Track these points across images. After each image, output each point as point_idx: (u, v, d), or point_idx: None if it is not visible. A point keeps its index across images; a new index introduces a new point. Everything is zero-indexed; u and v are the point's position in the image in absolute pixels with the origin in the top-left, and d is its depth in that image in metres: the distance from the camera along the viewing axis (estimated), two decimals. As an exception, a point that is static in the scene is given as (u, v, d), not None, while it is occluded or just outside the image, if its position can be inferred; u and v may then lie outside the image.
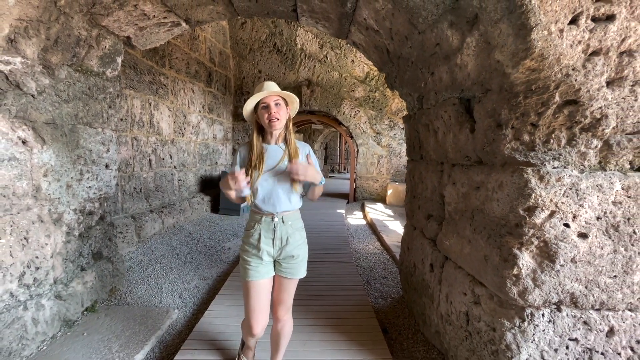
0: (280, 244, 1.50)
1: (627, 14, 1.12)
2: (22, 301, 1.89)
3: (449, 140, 1.89)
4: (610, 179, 1.26)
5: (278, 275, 1.56)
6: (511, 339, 1.35)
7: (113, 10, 2.07)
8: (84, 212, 2.38)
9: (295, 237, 1.53)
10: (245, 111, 1.52)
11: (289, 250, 1.51)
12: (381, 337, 2.12)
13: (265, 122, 1.46)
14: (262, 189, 1.48)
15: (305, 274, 1.58)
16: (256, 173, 1.47)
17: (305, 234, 1.62)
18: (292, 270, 1.54)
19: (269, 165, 1.49)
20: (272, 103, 1.45)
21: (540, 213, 1.28)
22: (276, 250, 1.51)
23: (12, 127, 1.80)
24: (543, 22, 1.12)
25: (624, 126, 1.23)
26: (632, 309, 1.33)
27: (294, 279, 1.56)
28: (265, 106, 1.46)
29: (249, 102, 1.47)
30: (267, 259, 1.51)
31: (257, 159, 1.47)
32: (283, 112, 1.48)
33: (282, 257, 1.52)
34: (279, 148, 1.52)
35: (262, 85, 1.49)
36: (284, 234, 1.50)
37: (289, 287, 1.56)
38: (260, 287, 1.50)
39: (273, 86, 1.48)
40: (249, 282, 1.49)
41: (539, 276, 1.31)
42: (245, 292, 1.52)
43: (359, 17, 2.21)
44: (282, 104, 1.49)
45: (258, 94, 1.45)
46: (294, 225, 1.54)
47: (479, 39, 1.38)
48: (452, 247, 1.83)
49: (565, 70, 1.19)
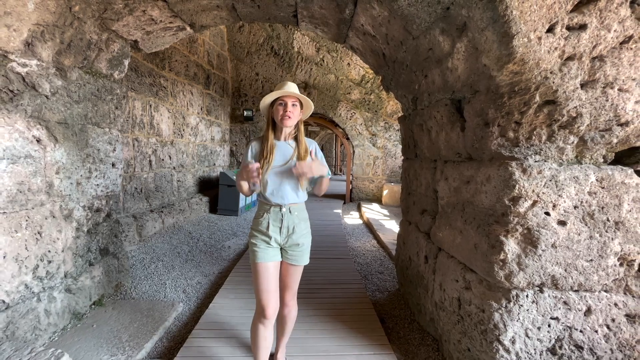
0: (287, 232, 1.61)
1: (597, 23, 1.26)
2: (36, 293, 1.97)
3: (441, 138, 2.01)
4: (585, 172, 1.40)
5: (285, 262, 1.66)
6: (498, 318, 1.47)
7: (123, 15, 2.17)
8: (92, 209, 2.46)
9: (301, 226, 1.64)
10: (262, 103, 1.61)
11: (295, 239, 1.62)
12: (379, 326, 2.23)
13: (279, 118, 1.56)
14: (272, 182, 1.58)
15: (308, 262, 1.70)
16: (267, 166, 1.57)
17: (309, 224, 1.72)
18: (297, 257, 1.65)
19: (279, 160, 1.59)
20: (289, 102, 1.56)
21: (524, 203, 1.40)
22: (283, 237, 1.61)
23: (28, 126, 1.89)
24: (523, 30, 1.25)
25: (597, 124, 1.37)
26: (607, 290, 1.47)
27: (299, 266, 1.67)
28: (283, 104, 1.56)
29: (269, 96, 1.57)
30: (274, 244, 1.61)
31: (269, 152, 1.57)
32: (297, 113, 1.59)
33: (289, 245, 1.63)
34: (289, 145, 1.63)
35: (283, 84, 1.59)
36: (291, 224, 1.61)
37: (295, 274, 1.68)
38: (269, 268, 1.58)
39: (294, 87, 1.59)
40: (258, 264, 1.57)
41: (523, 260, 1.43)
42: (254, 274, 1.60)
43: (357, 23, 2.34)
44: (297, 106, 1.59)
45: (279, 91, 1.55)
46: (299, 216, 1.65)
47: (468, 44, 1.51)
48: (444, 239, 1.95)
49: (544, 73, 1.32)
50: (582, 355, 1.47)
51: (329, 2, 2.24)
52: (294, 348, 1.95)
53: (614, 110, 1.35)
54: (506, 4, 1.23)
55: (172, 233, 4.78)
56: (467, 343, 1.66)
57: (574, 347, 1.47)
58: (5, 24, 1.64)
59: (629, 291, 1.47)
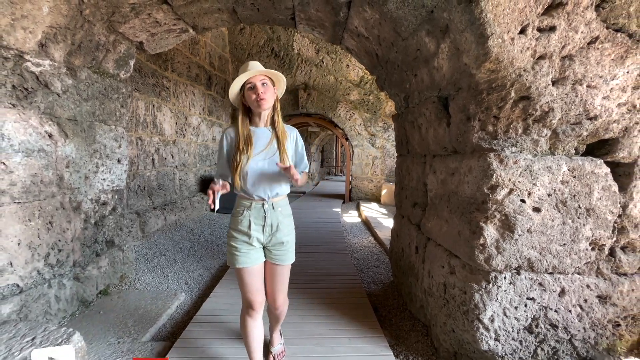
0: (271, 231, 1.48)
1: (565, 25, 1.38)
2: (47, 279, 2.08)
3: (430, 134, 2.13)
4: (558, 162, 1.51)
5: (270, 262, 1.53)
6: (479, 299, 1.58)
7: (130, 18, 2.30)
8: (99, 202, 2.58)
9: (285, 223, 1.52)
10: (231, 93, 1.46)
11: (279, 237, 1.49)
12: (372, 313, 2.34)
13: (253, 104, 1.42)
14: (252, 172, 1.43)
15: (294, 259, 1.59)
16: (245, 157, 1.42)
17: (292, 220, 1.61)
18: (282, 256, 1.53)
19: (259, 148, 1.45)
20: (258, 83, 1.40)
21: (501, 191, 1.52)
22: (266, 236, 1.48)
23: (41, 122, 2.02)
24: (497, 32, 1.37)
25: (568, 118, 1.48)
26: (579, 272, 1.57)
27: (285, 265, 1.55)
28: (252, 87, 1.40)
29: (235, 83, 1.42)
30: (257, 244, 1.48)
31: (245, 142, 1.43)
32: (270, 92, 1.44)
33: (272, 244, 1.50)
34: (267, 131, 1.49)
35: (246, 65, 1.44)
36: (275, 221, 1.48)
37: (282, 274, 1.56)
38: (253, 271, 1.48)
39: (258, 65, 1.43)
40: (241, 269, 1.47)
41: (501, 245, 1.55)
42: (239, 278, 1.50)
43: (351, 25, 2.46)
44: (269, 84, 1.44)
45: (243, 74, 1.40)
46: (283, 212, 1.52)
47: (450, 45, 1.63)
48: (433, 228, 2.07)
49: (518, 71, 1.44)
50: (557, 334, 1.58)
51: (324, 5, 2.37)
52: (290, 332, 2.06)
53: (583, 105, 1.46)
54: (481, 8, 1.34)
55: (174, 230, 4.90)
56: (451, 324, 1.77)
57: (549, 325, 1.58)
58: (22, 26, 1.77)
59: (600, 274, 1.58)
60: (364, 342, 1.97)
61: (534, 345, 1.59)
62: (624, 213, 1.55)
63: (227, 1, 2.49)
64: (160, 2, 2.28)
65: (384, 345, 1.94)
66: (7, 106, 1.81)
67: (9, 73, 1.80)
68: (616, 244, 1.57)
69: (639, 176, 1.53)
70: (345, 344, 1.95)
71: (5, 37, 1.71)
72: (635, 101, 1.47)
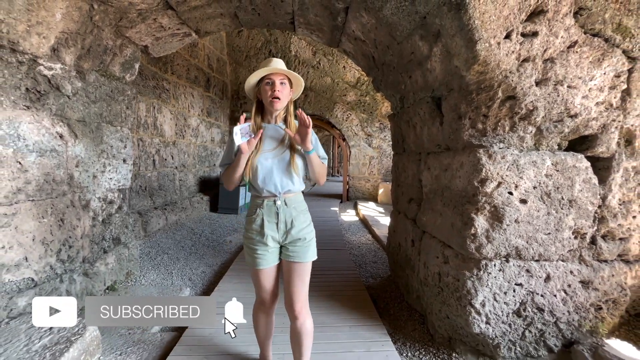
0: (285, 228, 1.43)
1: (547, 31, 1.50)
2: (59, 274, 2.17)
3: (424, 132, 2.25)
4: (542, 157, 1.63)
5: (286, 261, 1.46)
6: (470, 285, 1.69)
7: (136, 23, 2.40)
8: (106, 201, 2.67)
9: (300, 219, 1.46)
10: (247, 84, 1.44)
11: (295, 234, 1.44)
12: (370, 304, 2.45)
13: (267, 100, 1.40)
14: (262, 167, 1.41)
15: (316, 257, 1.51)
16: (254, 151, 1.40)
17: (310, 217, 1.54)
18: (301, 253, 1.45)
19: (269, 145, 1.44)
20: (277, 81, 1.38)
21: (490, 184, 1.63)
22: (281, 234, 1.44)
23: (53, 123, 2.10)
24: (484, 37, 1.49)
25: (551, 116, 1.60)
26: (563, 259, 1.69)
27: (304, 263, 1.46)
28: (270, 83, 1.38)
29: (253, 75, 1.39)
30: (272, 244, 1.44)
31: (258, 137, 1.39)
32: (286, 92, 1.42)
33: (289, 242, 1.44)
34: (279, 128, 1.47)
35: (269, 61, 1.41)
36: (288, 217, 1.43)
37: (301, 272, 1.46)
38: (270, 272, 1.48)
39: (281, 63, 1.42)
40: (258, 270, 1.45)
41: (491, 234, 1.66)
42: (255, 278, 1.49)
43: (348, 29, 2.58)
44: (287, 84, 1.42)
45: (264, 68, 1.37)
46: (297, 208, 1.47)
47: (442, 48, 1.74)
48: (428, 222, 2.18)
49: (504, 73, 1.56)
50: (543, 317, 1.69)
51: (323, 10, 2.48)
52: (293, 322, 2.16)
53: (564, 104, 1.58)
54: (469, 15, 1.46)
55: (175, 229, 4.98)
56: (446, 311, 1.88)
57: (536, 309, 1.69)
58: (37, 32, 1.86)
59: (583, 260, 1.70)
60: (363, 330, 2.07)
61: (522, 327, 1.70)
62: (604, 204, 1.67)
63: (229, 6, 2.59)
64: (165, 7, 2.37)
65: (382, 332, 2.05)
66: (22, 108, 1.90)
67: (23, 76, 1.88)
68: (597, 233, 1.69)
69: (616, 169, 1.65)
70: (346, 331, 2.05)
71: (21, 42, 1.80)
72: (612, 100, 1.60)
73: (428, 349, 1.98)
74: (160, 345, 1.96)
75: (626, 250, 1.72)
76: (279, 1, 2.50)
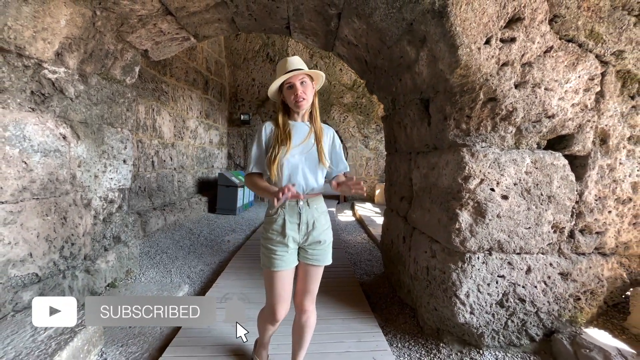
0: (307, 229, 1.41)
1: (524, 37, 1.60)
2: (62, 270, 2.24)
3: (414, 133, 2.34)
4: (522, 155, 1.73)
5: (304, 263, 1.45)
6: (455, 277, 1.78)
7: (137, 28, 2.49)
8: (106, 200, 2.75)
9: (321, 221, 1.45)
10: (270, 91, 1.45)
11: (316, 235, 1.42)
12: (363, 298, 2.54)
13: (292, 103, 1.40)
14: (288, 164, 1.39)
15: (331, 261, 1.50)
16: (283, 149, 1.39)
17: (329, 219, 1.53)
18: (320, 256, 1.45)
19: (296, 141, 1.42)
20: (297, 83, 1.38)
21: (473, 181, 1.73)
22: (302, 235, 1.41)
23: (56, 125, 2.19)
24: (466, 42, 1.58)
25: (530, 116, 1.70)
26: (543, 252, 1.79)
27: (320, 267, 1.46)
28: (291, 86, 1.39)
29: (274, 84, 1.41)
30: (292, 245, 1.41)
31: (285, 135, 1.41)
32: (309, 90, 1.41)
33: (309, 243, 1.43)
34: (306, 125, 1.47)
35: (285, 63, 1.41)
36: (310, 218, 1.41)
37: (316, 276, 1.46)
38: (287, 275, 1.43)
39: (298, 63, 1.41)
40: (275, 272, 1.40)
41: (474, 228, 1.75)
42: (269, 280, 1.44)
43: (342, 34, 2.67)
44: (307, 82, 1.41)
45: (283, 75, 1.38)
46: (319, 209, 1.45)
47: (428, 53, 1.84)
48: (417, 219, 2.27)
49: (485, 76, 1.66)
50: (524, 307, 1.78)
51: (316, 16, 2.58)
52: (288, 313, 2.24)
53: (542, 105, 1.68)
54: (451, 22, 1.56)
55: (173, 230, 5.05)
56: (433, 303, 1.97)
57: (518, 300, 1.78)
58: (42, 37, 1.94)
59: (562, 253, 1.79)
60: (356, 323, 2.15)
61: (505, 317, 1.79)
62: (581, 199, 1.77)
63: (226, 12, 2.69)
64: (165, 13, 2.47)
65: (374, 324, 2.14)
66: (27, 110, 1.98)
67: (29, 80, 1.97)
68: (575, 227, 1.79)
69: (592, 167, 1.75)
70: (339, 323, 2.14)
71: (27, 47, 1.88)
72: (586, 102, 1.70)
73: (417, 340, 2.06)
74: (159, 337, 2.04)
75: (602, 244, 1.81)
76: (275, 7, 2.60)
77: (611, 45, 1.63)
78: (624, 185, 1.77)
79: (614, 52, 1.65)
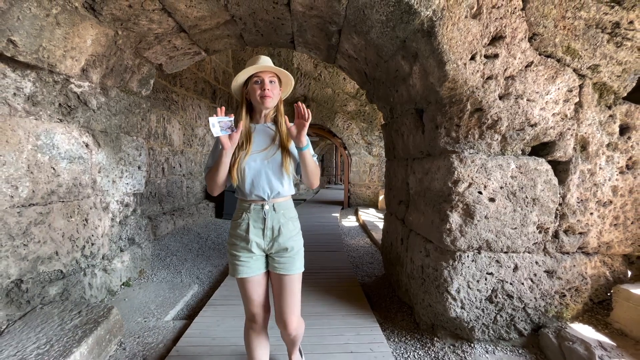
0: (272, 235, 1.34)
1: (506, 53, 1.76)
2: (83, 268, 2.42)
3: (410, 140, 2.50)
4: (507, 161, 1.87)
5: (273, 273, 1.38)
6: (447, 274, 1.91)
7: (153, 45, 2.70)
8: (123, 204, 2.94)
9: (289, 226, 1.38)
10: (234, 84, 1.38)
11: (282, 242, 1.35)
12: (363, 297, 2.67)
13: (257, 99, 1.33)
14: (250, 169, 1.33)
15: (302, 269, 1.41)
16: (243, 153, 1.33)
17: (299, 225, 1.47)
18: (287, 265, 1.36)
19: (258, 145, 1.36)
20: (266, 79, 1.32)
21: (462, 184, 1.87)
22: (267, 242, 1.35)
23: (80, 134, 2.39)
24: (452, 59, 1.75)
25: (514, 125, 1.85)
26: (529, 251, 1.91)
27: (291, 275, 1.37)
28: (259, 81, 1.33)
29: (241, 74, 1.33)
30: (257, 252, 1.35)
31: (245, 138, 1.34)
32: (276, 91, 1.36)
33: (275, 251, 1.36)
34: (268, 128, 1.40)
35: (257, 59, 1.35)
36: (276, 224, 1.35)
37: (291, 286, 1.37)
38: (255, 282, 1.37)
39: (269, 61, 1.36)
40: (241, 279, 1.36)
41: (464, 229, 1.89)
42: (240, 289, 1.41)
43: (342, 48, 2.86)
44: (276, 83, 1.36)
45: (252, 67, 1.32)
46: (286, 214, 1.38)
47: (420, 67, 2.00)
48: (414, 221, 2.41)
49: (471, 89, 1.81)
50: (512, 303, 1.91)
51: (319, 32, 2.77)
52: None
53: (525, 115, 1.83)
54: (439, 41, 1.72)
55: (182, 234, 5.24)
56: (428, 299, 2.10)
57: (506, 296, 1.91)
58: (71, 56, 2.16)
59: (547, 252, 1.92)
60: (355, 319, 2.29)
61: (494, 312, 1.92)
62: (564, 202, 1.90)
63: (235, 29, 2.89)
64: (179, 31, 2.68)
65: (372, 320, 2.27)
66: (56, 121, 2.18)
67: (57, 93, 2.18)
68: (559, 228, 1.92)
69: (574, 172, 1.88)
70: (339, 319, 2.27)
71: (58, 65, 2.09)
72: (566, 111, 1.84)
73: (414, 335, 2.18)
74: (172, 330, 2.20)
75: (585, 244, 1.93)
76: (280, 24, 2.80)
77: (587, 60, 1.78)
78: (604, 188, 1.90)
79: (590, 66, 1.79)
